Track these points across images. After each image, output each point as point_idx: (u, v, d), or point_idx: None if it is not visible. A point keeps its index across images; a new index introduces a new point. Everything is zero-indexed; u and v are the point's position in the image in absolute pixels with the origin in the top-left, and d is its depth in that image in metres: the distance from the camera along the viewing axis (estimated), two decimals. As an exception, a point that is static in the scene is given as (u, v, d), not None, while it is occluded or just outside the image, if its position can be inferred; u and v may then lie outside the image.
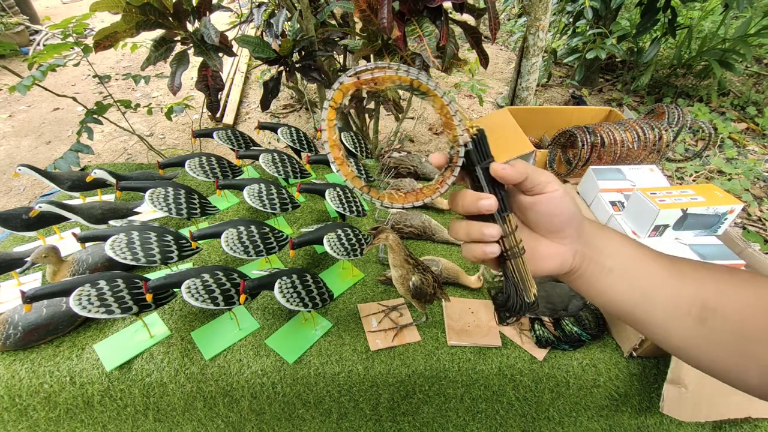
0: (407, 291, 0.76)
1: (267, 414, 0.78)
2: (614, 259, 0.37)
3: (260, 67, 3.26)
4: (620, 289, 0.36)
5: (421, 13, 1.11)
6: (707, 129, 1.05)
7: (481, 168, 0.36)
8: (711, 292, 0.34)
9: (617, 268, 0.36)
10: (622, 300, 0.37)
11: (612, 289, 0.37)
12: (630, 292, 0.36)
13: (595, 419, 0.83)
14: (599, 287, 0.37)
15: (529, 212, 0.37)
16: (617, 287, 0.36)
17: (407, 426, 0.82)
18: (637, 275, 0.36)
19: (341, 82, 0.33)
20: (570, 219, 0.36)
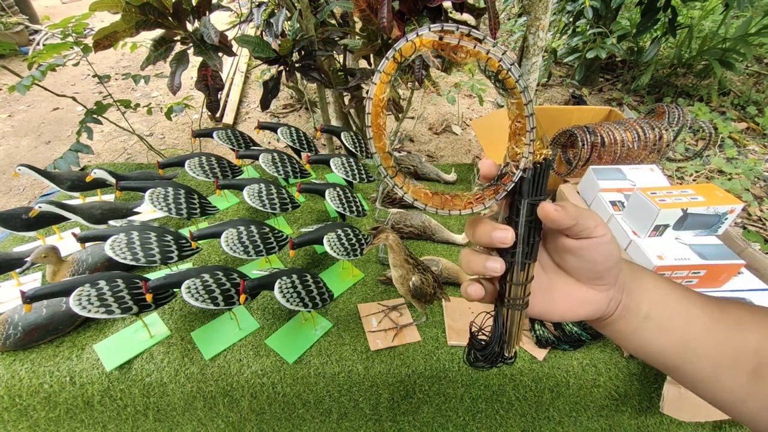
0: (407, 291, 0.76)
1: (267, 414, 0.78)
2: (650, 303, 0.33)
3: (260, 67, 3.26)
4: (657, 337, 0.33)
5: (421, 12, 1.10)
6: (707, 129, 1.05)
7: (529, 203, 0.30)
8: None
9: (654, 314, 0.33)
10: (659, 349, 0.33)
11: (648, 336, 0.33)
12: (668, 340, 0.33)
13: (595, 419, 0.83)
14: (634, 335, 0.34)
15: (569, 256, 0.34)
16: (654, 335, 0.33)
17: (407, 426, 0.82)
18: (677, 322, 0.32)
19: (419, 35, 0.27)
20: (613, 266, 0.33)
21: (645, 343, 0.34)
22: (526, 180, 0.30)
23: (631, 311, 0.34)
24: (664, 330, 0.33)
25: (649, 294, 0.34)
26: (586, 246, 0.32)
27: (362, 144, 1.19)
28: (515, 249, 0.32)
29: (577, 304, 0.34)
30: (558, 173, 1.11)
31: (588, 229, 0.31)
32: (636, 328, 0.34)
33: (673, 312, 0.33)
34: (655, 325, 0.33)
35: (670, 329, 0.33)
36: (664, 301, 0.33)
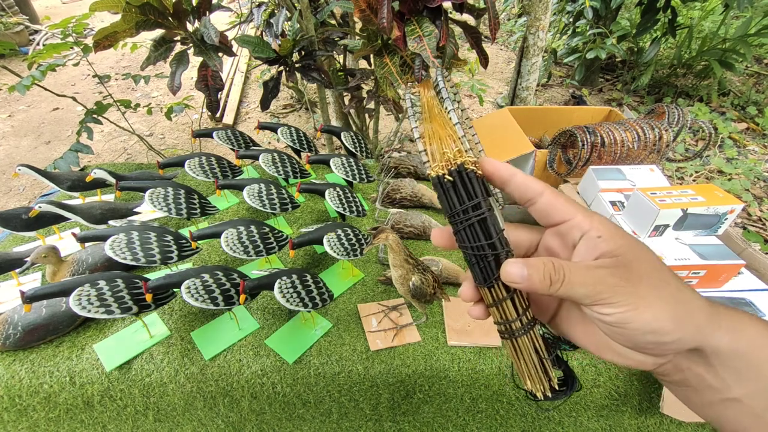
0: (407, 291, 0.76)
1: (267, 414, 0.78)
2: (753, 385, 0.23)
3: (260, 67, 3.26)
4: (739, 422, 0.25)
5: (421, 13, 1.10)
6: (707, 129, 1.05)
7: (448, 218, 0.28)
8: None
9: (752, 400, 0.23)
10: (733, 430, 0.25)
11: (725, 417, 0.25)
12: (754, 425, 0.24)
13: (595, 419, 0.83)
14: (703, 408, 0.26)
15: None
16: (735, 419, 0.25)
17: (407, 426, 0.82)
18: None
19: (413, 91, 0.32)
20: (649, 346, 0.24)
21: (721, 419, 0.25)
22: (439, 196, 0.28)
23: (709, 387, 0.24)
24: (757, 418, 0.24)
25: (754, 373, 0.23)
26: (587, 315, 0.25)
27: (362, 144, 1.19)
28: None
29: (611, 351, 0.26)
30: (558, 173, 1.11)
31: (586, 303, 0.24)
32: (712, 403, 0.25)
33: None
34: (747, 411, 0.24)
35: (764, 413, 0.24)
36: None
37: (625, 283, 0.23)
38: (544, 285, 0.23)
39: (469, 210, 0.26)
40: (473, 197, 0.26)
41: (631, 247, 0.24)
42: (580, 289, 0.23)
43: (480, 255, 0.26)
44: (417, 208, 1.16)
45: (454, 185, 0.26)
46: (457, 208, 0.26)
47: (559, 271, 0.23)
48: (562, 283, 0.23)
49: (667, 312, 0.22)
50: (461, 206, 0.26)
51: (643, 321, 0.22)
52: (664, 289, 0.23)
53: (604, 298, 0.23)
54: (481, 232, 0.26)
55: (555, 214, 0.26)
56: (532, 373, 0.28)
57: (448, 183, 0.26)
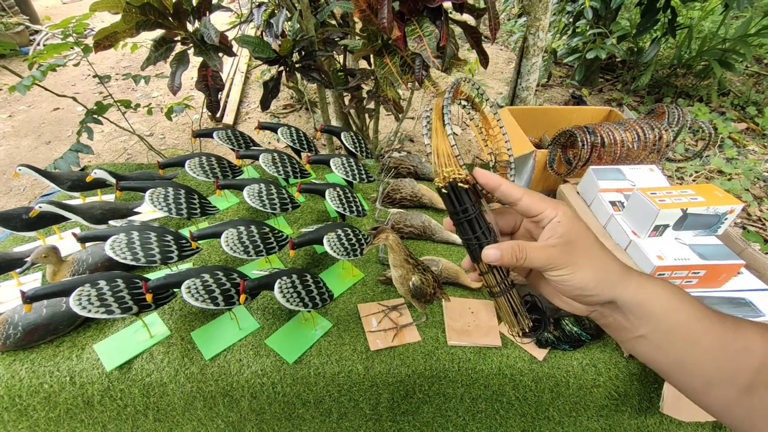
0: (407, 291, 0.76)
1: (267, 414, 0.78)
2: (651, 329, 0.32)
3: (260, 67, 3.26)
4: (649, 353, 0.34)
5: (421, 13, 1.11)
6: (707, 129, 1.05)
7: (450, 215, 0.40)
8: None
9: (652, 338, 0.33)
10: (650, 361, 0.34)
11: (641, 351, 0.34)
12: (662, 358, 0.33)
13: (595, 419, 0.83)
14: (624, 344, 0.36)
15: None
16: (646, 351, 0.34)
17: (407, 426, 0.82)
18: (677, 343, 0.32)
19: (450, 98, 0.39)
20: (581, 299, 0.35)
21: (636, 352, 0.35)
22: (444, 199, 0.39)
23: (623, 328, 0.34)
24: (660, 349, 0.33)
25: (651, 318, 0.32)
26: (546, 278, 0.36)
27: (362, 144, 1.19)
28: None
29: (556, 298, 0.38)
30: (558, 173, 1.11)
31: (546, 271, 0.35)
32: (628, 340, 0.34)
33: (675, 334, 0.32)
34: (651, 344, 0.33)
35: (667, 350, 0.32)
36: (667, 323, 0.32)
37: (567, 256, 0.33)
38: (512, 261, 0.34)
39: (460, 213, 0.38)
40: (462, 204, 0.37)
41: (577, 229, 0.34)
42: (536, 261, 0.34)
43: (470, 243, 0.39)
44: (417, 208, 1.16)
45: (449, 194, 0.38)
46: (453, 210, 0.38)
47: (522, 251, 0.34)
48: (525, 259, 0.34)
49: (591, 276, 0.33)
50: (454, 209, 0.38)
51: (575, 281, 0.33)
52: (592, 260, 0.33)
53: (553, 266, 0.33)
54: (469, 227, 0.38)
55: (531, 211, 0.35)
56: (510, 321, 0.41)
57: (445, 193, 0.38)
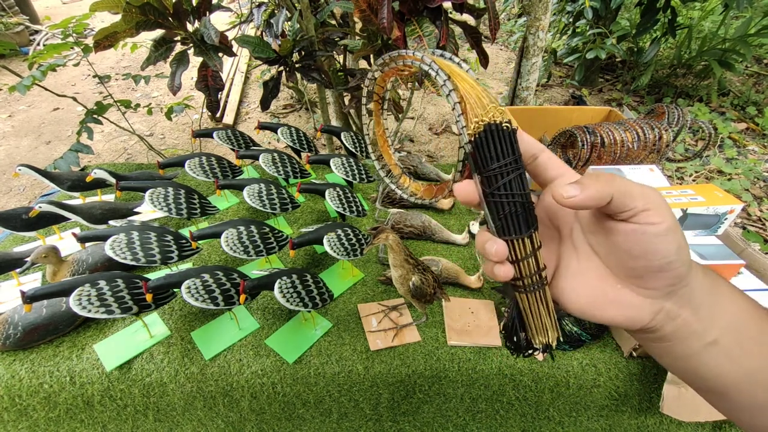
0: (407, 291, 0.76)
1: (267, 414, 0.78)
2: (723, 328, 0.26)
3: (260, 67, 3.26)
4: (721, 365, 0.27)
5: (421, 13, 1.11)
6: (707, 129, 1.05)
7: (484, 176, 0.27)
8: None
9: (724, 342, 0.26)
10: (715, 377, 0.27)
11: (708, 362, 0.27)
12: (733, 369, 0.27)
13: (595, 419, 0.83)
14: (690, 358, 0.27)
15: (601, 237, 0.27)
16: (717, 362, 0.27)
17: (407, 426, 0.82)
18: (751, 351, 0.26)
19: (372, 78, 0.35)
20: (663, 268, 0.25)
21: (703, 369, 0.27)
22: (468, 155, 0.28)
23: (693, 333, 0.26)
24: (732, 359, 0.26)
25: (724, 316, 0.26)
26: (621, 230, 0.25)
27: (362, 144, 1.19)
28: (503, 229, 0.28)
29: (608, 303, 0.27)
30: (558, 173, 1.11)
31: (632, 211, 0.24)
32: (696, 352, 0.27)
33: (748, 340, 0.26)
34: (723, 352, 0.26)
35: (740, 359, 0.26)
36: (741, 327, 0.26)
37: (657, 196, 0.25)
38: (602, 191, 0.24)
39: (511, 163, 0.27)
40: (508, 154, 0.27)
41: None
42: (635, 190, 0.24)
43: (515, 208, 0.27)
44: (417, 208, 1.16)
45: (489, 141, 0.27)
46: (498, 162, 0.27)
47: (614, 177, 0.24)
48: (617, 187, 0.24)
49: (680, 231, 0.25)
50: (503, 160, 0.27)
51: (674, 238, 0.24)
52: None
53: (653, 208, 0.24)
54: (521, 184, 0.27)
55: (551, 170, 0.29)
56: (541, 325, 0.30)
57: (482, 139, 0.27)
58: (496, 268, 0.27)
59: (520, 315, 0.31)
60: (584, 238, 0.29)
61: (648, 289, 0.26)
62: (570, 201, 0.24)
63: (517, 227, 0.27)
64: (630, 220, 0.25)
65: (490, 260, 0.27)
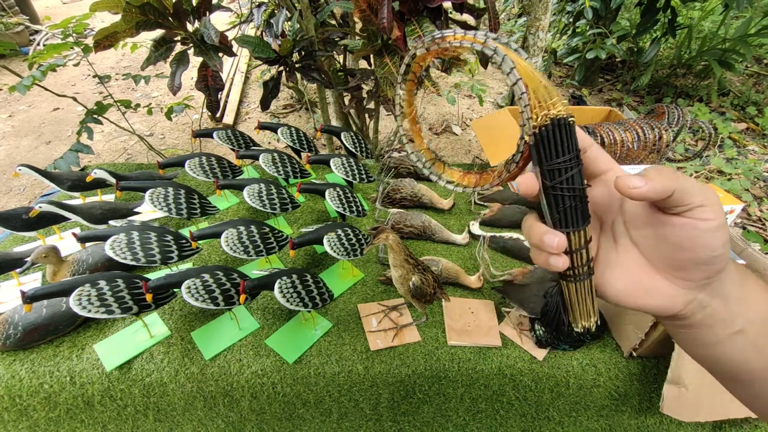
0: (407, 291, 0.76)
1: (267, 414, 0.78)
2: (749, 319, 0.28)
3: (260, 67, 3.26)
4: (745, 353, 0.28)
5: (421, 13, 1.11)
6: (707, 129, 1.05)
7: (546, 169, 0.28)
8: None
9: (749, 332, 0.28)
10: (739, 365, 0.29)
11: (733, 351, 0.28)
12: (755, 358, 0.28)
13: (595, 419, 0.83)
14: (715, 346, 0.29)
15: (648, 230, 0.28)
16: (742, 351, 0.28)
17: (407, 426, 0.82)
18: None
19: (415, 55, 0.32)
20: (708, 261, 0.26)
21: (727, 355, 0.28)
22: (532, 147, 0.28)
23: (721, 321, 0.28)
24: (756, 348, 0.28)
25: (752, 308, 0.28)
26: (675, 224, 0.26)
27: (362, 144, 1.19)
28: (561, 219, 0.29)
29: (643, 292, 0.28)
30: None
31: (689, 206, 0.25)
32: (721, 340, 0.28)
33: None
34: (748, 341, 0.28)
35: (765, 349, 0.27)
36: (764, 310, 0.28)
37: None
38: (667, 185, 0.25)
39: (574, 158, 0.27)
40: (571, 148, 0.27)
41: None
42: (694, 186, 0.25)
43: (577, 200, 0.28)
44: (417, 208, 1.16)
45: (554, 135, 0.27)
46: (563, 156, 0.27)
47: (676, 173, 0.25)
48: (678, 180, 0.25)
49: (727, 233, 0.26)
50: (565, 156, 0.27)
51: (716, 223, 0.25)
52: None
53: (709, 205, 0.25)
54: (580, 178, 0.28)
55: (600, 164, 0.30)
56: (586, 310, 0.32)
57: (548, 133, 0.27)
58: (553, 259, 0.28)
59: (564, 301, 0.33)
60: (625, 230, 0.30)
61: (686, 280, 0.27)
62: (635, 192, 0.25)
63: (574, 220, 0.28)
64: (684, 214, 0.26)
65: (548, 251, 0.28)
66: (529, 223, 0.30)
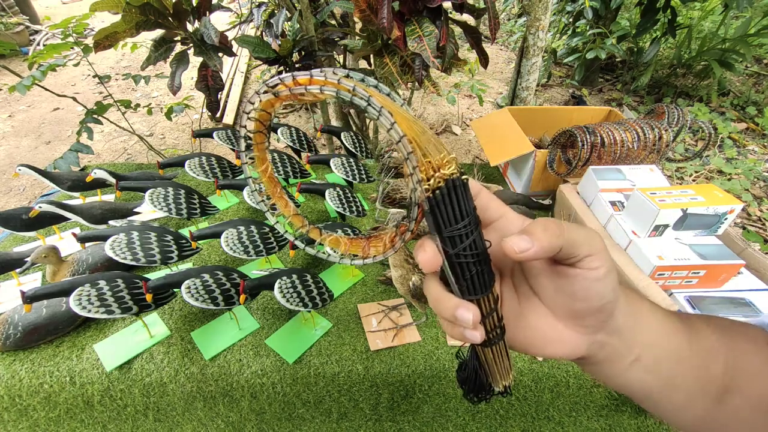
0: (407, 291, 0.76)
1: (267, 414, 0.78)
2: (643, 346, 0.29)
3: (260, 67, 3.26)
4: (644, 378, 0.29)
5: (421, 13, 1.11)
6: (707, 129, 1.05)
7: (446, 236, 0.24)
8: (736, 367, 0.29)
9: (645, 357, 0.29)
10: (641, 389, 0.30)
11: (634, 377, 0.30)
12: (654, 380, 0.29)
13: (595, 419, 0.83)
14: (617, 378, 0.30)
15: (544, 282, 0.28)
16: (639, 377, 0.29)
17: (407, 426, 0.82)
18: (665, 360, 0.29)
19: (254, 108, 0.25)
20: (601, 308, 0.27)
21: (629, 383, 0.30)
22: (427, 214, 0.25)
23: (620, 356, 0.29)
24: (651, 371, 0.29)
25: (643, 335, 0.29)
26: (568, 275, 0.26)
27: (362, 144, 1.19)
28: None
29: (547, 343, 0.29)
30: (558, 173, 1.11)
31: (577, 257, 0.25)
32: (622, 371, 0.29)
33: (662, 350, 0.29)
34: (644, 367, 0.29)
35: (658, 369, 0.29)
36: (656, 341, 0.29)
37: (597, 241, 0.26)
38: (553, 243, 0.25)
39: (471, 223, 0.24)
40: (469, 210, 0.24)
41: None
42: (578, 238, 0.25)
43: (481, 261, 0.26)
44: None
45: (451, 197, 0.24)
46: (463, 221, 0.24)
47: (558, 225, 0.25)
48: (563, 236, 0.25)
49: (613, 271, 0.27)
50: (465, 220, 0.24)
51: (604, 271, 0.26)
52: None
53: (591, 249, 0.26)
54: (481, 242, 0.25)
55: (492, 211, 0.29)
56: (504, 369, 0.31)
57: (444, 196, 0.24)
58: (468, 333, 0.26)
59: (482, 366, 0.31)
60: (524, 279, 0.30)
61: (585, 326, 0.28)
62: (523, 255, 0.25)
63: (482, 285, 0.26)
64: (575, 265, 0.26)
65: (463, 326, 0.26)
66: (434, 294, 0.28)
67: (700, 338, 0.30)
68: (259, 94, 0.24)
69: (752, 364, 0.29)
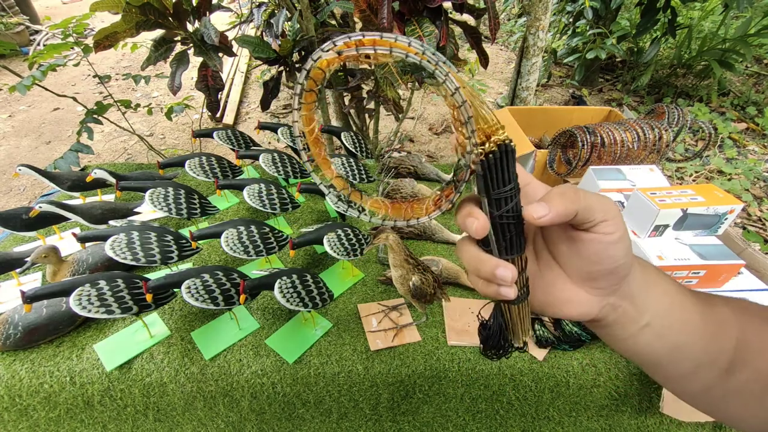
0: (407, 291, 0.76)
1: (267, 414, 0.78)
2: (653, 313, 0.31)
3: (260, 67, 3.26)
4: (652, 343, 0.31)
5: (421, 13, 1.11)
6: (707, 129, 1.05)
7: (493, 198, 0.27)
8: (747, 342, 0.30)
9: (655, 324, 0.31)
10: (649, 353, 0.32)
11: (643, 342, 0.31)
12: (662, 345, 0.31)
13: (595, 419, 0.83)
14: (628, 340, 0.32)
15: (563, 246, 0.30)
16: (649, 341, 0.31)
17: (407, 426, 0.82)
18: (674, 329, 0.31)
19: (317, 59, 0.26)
20: (614, 271, 0.29)
21: (638, 347, 0.32)
22: (478, 176, 0.27)
23: (631, 319, 0.31)
24: (660, 337, 0.31)
25: (656, 303, 0.31)
26: (584, 239, 0.28)
27: (362, 144, 1.19)
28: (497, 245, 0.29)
29: (564, 303, 0.31)
30: (558, 173, 1.11)
31: (593, 222, 0.27)
32: (633, 334, 0.31)
33: (673, 319, 0.31)
34: (654, 332, 0.31)
35: (667, 336, 0.31)
36: (668, 309, 0.31)
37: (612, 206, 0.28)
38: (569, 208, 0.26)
39: (516, 187, 0.27)
40: (515, 175, 0.27)
41: None
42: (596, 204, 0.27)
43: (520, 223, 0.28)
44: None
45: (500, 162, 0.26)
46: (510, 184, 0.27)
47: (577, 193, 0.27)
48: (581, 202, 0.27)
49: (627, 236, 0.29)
50: (511, 183, 0.27)
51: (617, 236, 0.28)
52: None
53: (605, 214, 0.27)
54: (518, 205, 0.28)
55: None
56: (525, 328, 0.33)
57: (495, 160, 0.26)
58: (504, 290, 0.28)
59: (506, 323, 0.33)
60: (545, 246, 0.32)
61: (599, 289, 0.30)
62: (541, 221, 0.27)
63: (518, 246, 0.28)
64: (590, 230, 0.28)
65: (499, 284, 0.28)
66: (473, 254, 0.30)
67: (714, 312, 0.31)
68: (323, 51, 0.25)
69: (764, 341, 0.30)
